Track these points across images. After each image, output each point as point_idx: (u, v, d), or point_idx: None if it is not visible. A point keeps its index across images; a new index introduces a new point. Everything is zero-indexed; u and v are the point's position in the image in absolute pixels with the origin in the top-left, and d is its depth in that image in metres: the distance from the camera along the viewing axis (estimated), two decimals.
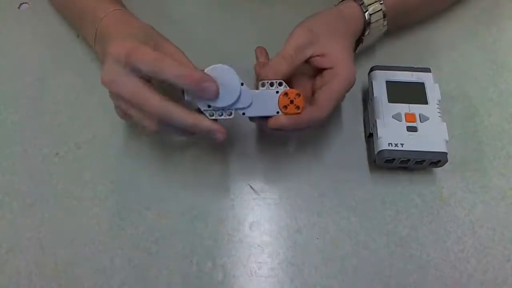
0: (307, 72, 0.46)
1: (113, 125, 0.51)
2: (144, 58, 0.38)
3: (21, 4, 0.59)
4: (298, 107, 0.41)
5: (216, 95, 0.39)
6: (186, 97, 0.40)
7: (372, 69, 0.51)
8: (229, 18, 0.59)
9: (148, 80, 0.40)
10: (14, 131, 0.51)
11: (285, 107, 0.41)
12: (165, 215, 0.47)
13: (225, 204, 0.47)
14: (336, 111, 0.52)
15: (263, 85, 0.42)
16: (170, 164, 0.49)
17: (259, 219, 0.47)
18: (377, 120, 0.47)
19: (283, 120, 0.41)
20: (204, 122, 0.39)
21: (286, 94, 0.41)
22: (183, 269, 0.44)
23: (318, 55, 0.44)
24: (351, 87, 0.44)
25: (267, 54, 0.47)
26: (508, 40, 0.58)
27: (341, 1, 0.50)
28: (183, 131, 0.41)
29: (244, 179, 0.49)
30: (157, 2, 0.59)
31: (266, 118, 0.42)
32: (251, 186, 0.48)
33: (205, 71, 0.39)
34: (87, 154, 0.49)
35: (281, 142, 0.51)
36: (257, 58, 0.47)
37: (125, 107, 0.41)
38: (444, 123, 0.47)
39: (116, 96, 0.41)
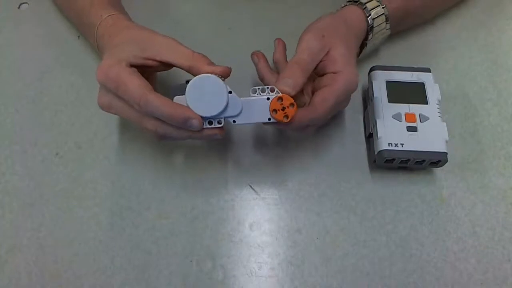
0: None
1: (113, 125, 0.51)
2: (130, 95, 0.39)
3: (21, 4, 0.59)
4: (287, 116, 0.40)
5: (198, 129, 0.39)
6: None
7: (372, 69, 0.51)
8: (229, 18, 0.59)
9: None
10: (14, 131, 0.51)
11: (275, 111, 0.40)
12: (165, 215, 0.47)
13: (225, 204, 0.47)
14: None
15: (254, 91, 0.41)
16: (170, 164, 0.49)
17: (259, 219, 0.47)
18: (377, 120, 0.47)
19: (280, 125, 0.42)
20: (179, 110, 0.39)
21: (281, 98, 0.40)
22: (183, 269, 0.44)
23: (323, 60, 0.43)
24: (353, 91, 0.44)
25: (265, 58, 0.47)
26: (508, 40, 0.58)
27: (343, 6, 0.50)
28: (181, 138, 0.42)
29: (244, 179, 0.49)
30: (158, 2, 0.59)
31: None
32: (251, 186, 0.48)
33: (192, 80, 0.39)
34: (87, 154, 0.49)
35: (281, 142, 0.51)
36: (255, 63, 0.47)
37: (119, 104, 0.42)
38: (444, 123, 0.47)
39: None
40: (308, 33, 0.44)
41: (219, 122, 0.40)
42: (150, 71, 0.44)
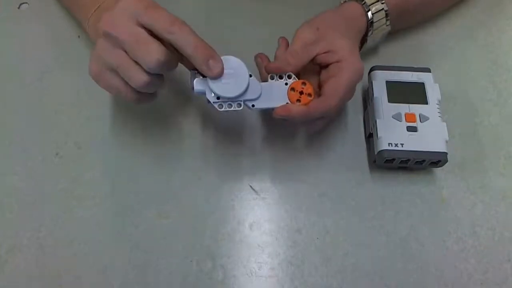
0: (313, 70, 0.46)
1: (113, 125, 0.51)
2: (162, 17, 0.37)
3: (21, 4, 0.59)
4: (310, 94, 0.42)
5: (218, 75, 0.39)
6: (195, 87, 0.41)
7: (372, 69, 0.51)
8: (229, 18, 0.59)
9: None
10: (14, 131, 0.51)
11: (298, 100, 0.42)
12: (165, 215, 0.47)
13: (225, 204, 0.47)
14: None
15: (272, 77, 0.43)
16: (170, 164, 0.49)
17: (259, 219, 0.47)
18: (377, 120, 0.47)
19: (291, 109, 0.42)
20: (207, 45, 0.39)
21: (292, 89, 0.42)
22: (183, 269, 0.44)
23: (324, 52, 0.44)
24: (360, 79, 0.44)
25: (268, 59, 0.47)
26: (508, 40, 0.58)
27: (343, 2, 0.50)
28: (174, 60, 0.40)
29: (244, 179, 0.49)
30: (158, 2, 0.59)
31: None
32: (251, 186, 0.48)
33: None
34: (87, 154, 0.49)
35: (281, 142, 0.51)
36: (259, 64, 0.47)
37: (110, 74, 0.40)
38: (444, 123, 0.47)
39: (110, 47, 0.39)
40: (302, 26, 0.46)
41: (238, 105, 0.41)
42: None
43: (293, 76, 0.43)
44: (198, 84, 0.41)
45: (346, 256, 0.45)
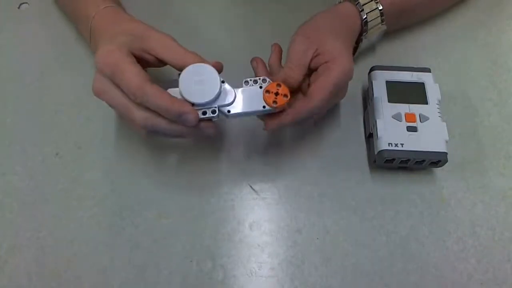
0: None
1: (113, 125, 0.51)
2: (127, 83, 0.38)
3: (21, 4, 0.59)
4: (285, 95, 0.41)
5: (194, 124, 0.39)
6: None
7: (372, 69, 0.51)
8: (230, 18, 0.59)
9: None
10: (14, 131, 0.51)
11: (274, 102, 0.41)
12: (165, 215, 0.47)
13: (225, 204, 0.47)
14: (336, 111, 0.52)
15: (246, 83, 0.42)
16: (170, 164, 0.49)
17: (259, 219, 0.47)
18: (377, 120, 0.47)
19: (279, 120, 0.42)
20: (176, 104, 0.39)
21: (267, 91, 0.41)
22: (183, 269, 0.44)
23: (314, 57, 0.44)
24: (348, 78, 0.44)
25: (263, 62, 0.47)
26: (508, 40, 0.58)
27: (338, 3, 0.50)
28: (171, 133, 0.41)
29: (244, 179, 0.49)
30: (159, 2, 0.59)
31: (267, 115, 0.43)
32: (251, 186, 0.48)
33: (187, 68, 0.40)
34: (87, 154, 0.49)
35: (281, 142, 0.51)
36: (254, 68, 0.47)
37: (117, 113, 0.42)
38: (444, 123, 0.47)
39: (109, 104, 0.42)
40: (294, 38, 0.45)
41: (213, 112, 0.40)
42: (144, 65, 0.44)
43: (268, 79, 0.42)
44: (171, 93, 0.40)
45: (346, 256, 0.45)
